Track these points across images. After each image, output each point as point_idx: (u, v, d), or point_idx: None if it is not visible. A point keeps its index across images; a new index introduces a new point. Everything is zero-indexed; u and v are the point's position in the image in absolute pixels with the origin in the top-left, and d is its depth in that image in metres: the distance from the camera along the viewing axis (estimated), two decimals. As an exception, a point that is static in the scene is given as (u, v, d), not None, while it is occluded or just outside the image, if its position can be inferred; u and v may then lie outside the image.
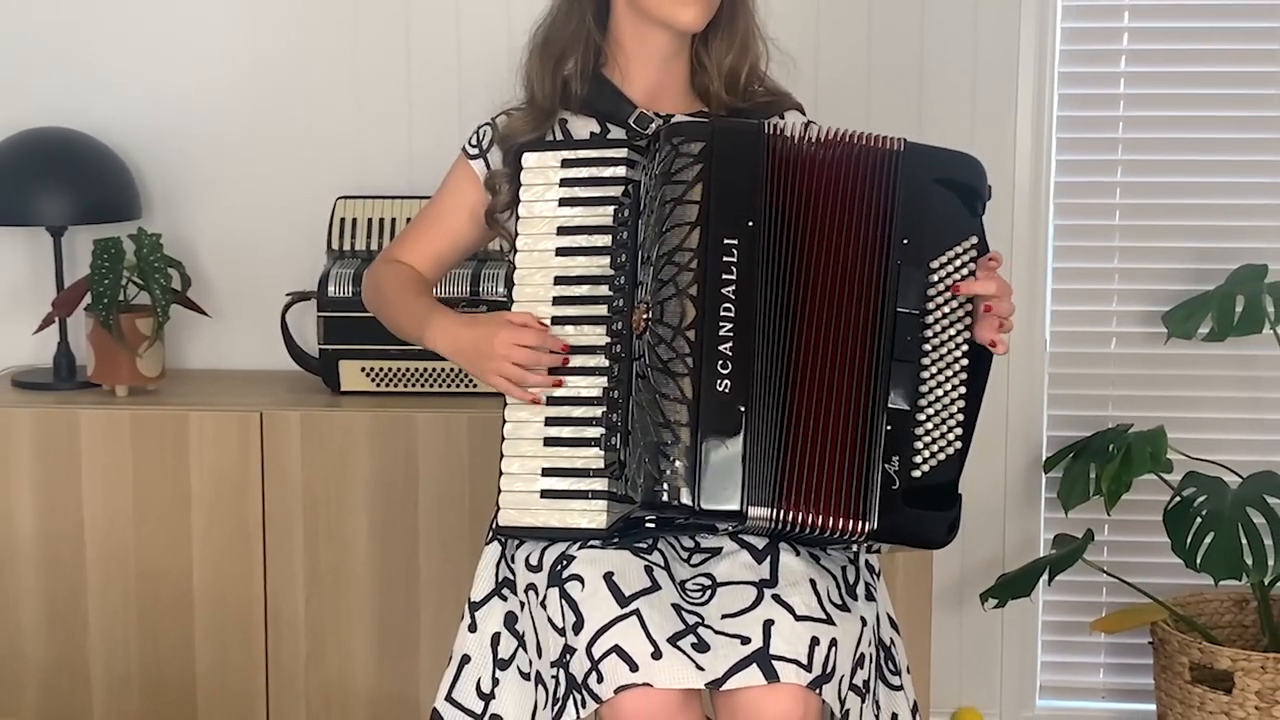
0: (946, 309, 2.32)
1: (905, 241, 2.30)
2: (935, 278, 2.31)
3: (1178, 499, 3.29)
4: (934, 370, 2.31)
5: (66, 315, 3.50)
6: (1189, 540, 3.20)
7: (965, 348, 2.33)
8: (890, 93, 3.56)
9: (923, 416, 2.29)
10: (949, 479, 2.31)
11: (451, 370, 3.38)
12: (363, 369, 3.41)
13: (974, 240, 2.33)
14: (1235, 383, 3.61)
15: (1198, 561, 3.18)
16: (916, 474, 2.29)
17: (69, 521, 3.35)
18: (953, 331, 2.32)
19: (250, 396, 3.44)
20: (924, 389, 2.30)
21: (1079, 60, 3.58)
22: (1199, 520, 3.21)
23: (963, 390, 2.32)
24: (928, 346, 2.30)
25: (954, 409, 2.31)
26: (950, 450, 2.31)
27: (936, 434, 2.30)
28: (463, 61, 3.61)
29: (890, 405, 2.28)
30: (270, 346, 3.57)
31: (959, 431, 2.31)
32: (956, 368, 2.32)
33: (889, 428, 2.28)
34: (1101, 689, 3.76)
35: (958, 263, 2.33)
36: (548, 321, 2.38)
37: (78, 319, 3.51)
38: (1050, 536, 3.60)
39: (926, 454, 2.30)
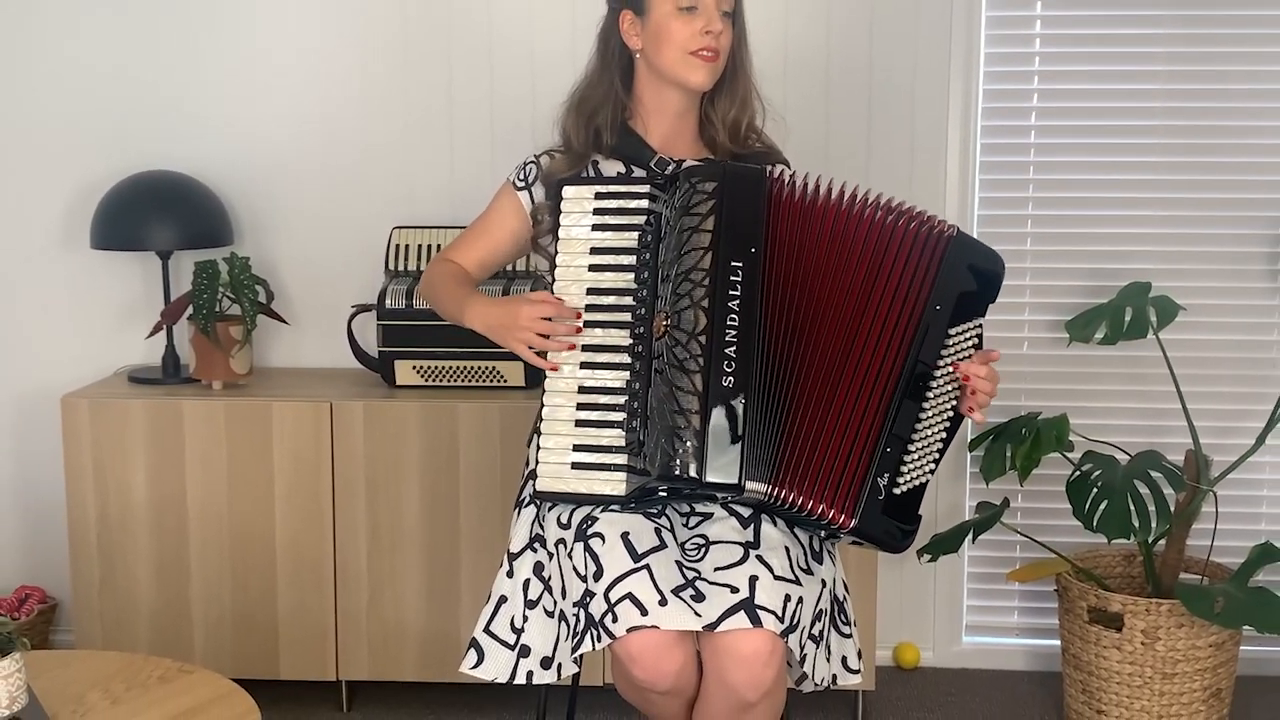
0: (950, 369, 2.35)
1: (938, 308, 2.33)
2: (950, 342, 2.34)
3: (1078, 473, 3.29)
4: (930, 413, 2.34)
5: (172, 323, 3.52)
6: (1087, 506, 3.21)
7: (954, 401, 2.37)
8: (844, 139, 3.57)
9: (913, 446, 2.32)
10: (918, 500, 2.34)
11: (487, 368, 3.38)
12: (414, 367, 3.42)
13: (979, 322, 2.38)
14: (1125, 379, 3.62)
15: (1094, 524, 3.18)
16: (897, 491, 2.31)
17: (174, 492, 3.37)
18: (949, 387, 2.35)
19: (322, 390, 3.44)
20: (919, 425, 2.33)
21: (997, 115, 3.60)
22: (1095, 490, 3.21)
23: (944, 435, 2.35)
24: (930, 393, 2.33)
25: (935, 445, 2.35)
26: (925, 478, 2.34)
27: (920, 462, 2.33)
28: (494, 117, 3.62)
29: (893, 431, 2.30)
30: (338, 349, 3.59)
31: (932, 466, 2.35)
32: (945, 415, 2.36)
33: (888, 449, 2.30)
34: (1016, 628, 3.78)
35: (964, 338, 2.36)
36: (580, 325, 2.38)
37: (181, 326, 3.52)
38: (974, 504, 3.61)
39: (909, 476, 2.32)
